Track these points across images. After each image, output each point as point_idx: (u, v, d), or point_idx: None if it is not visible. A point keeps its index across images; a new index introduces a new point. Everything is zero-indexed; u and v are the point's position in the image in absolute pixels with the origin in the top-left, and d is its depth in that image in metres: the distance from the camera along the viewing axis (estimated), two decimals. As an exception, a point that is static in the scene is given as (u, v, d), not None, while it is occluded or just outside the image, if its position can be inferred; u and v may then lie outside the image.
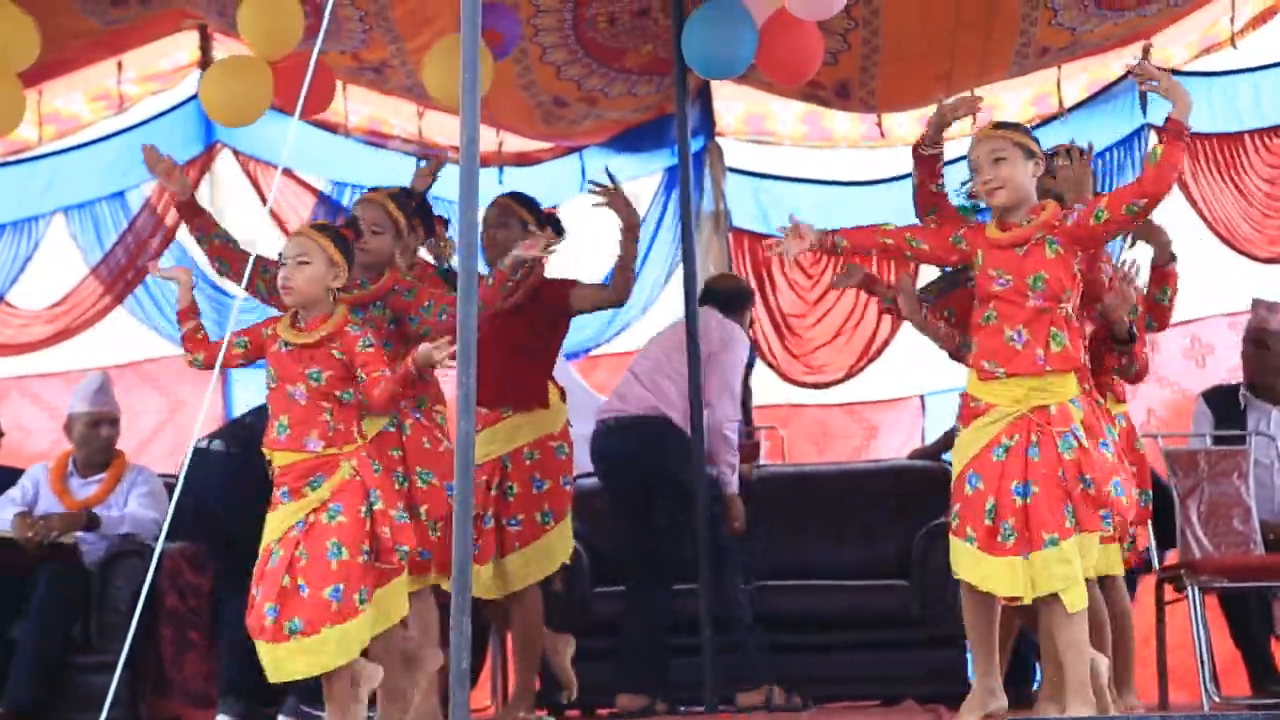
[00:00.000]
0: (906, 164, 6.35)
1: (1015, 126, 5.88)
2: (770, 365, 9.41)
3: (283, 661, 5.73)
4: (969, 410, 5.71)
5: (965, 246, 5.76)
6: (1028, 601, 5.60)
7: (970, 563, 5.61)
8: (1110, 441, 5.71)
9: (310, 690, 6.22)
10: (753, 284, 9.18)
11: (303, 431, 5.82)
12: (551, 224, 7.04)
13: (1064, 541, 5.52)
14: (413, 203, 6.55)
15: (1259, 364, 7.83)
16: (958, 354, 6.06)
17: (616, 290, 7.05)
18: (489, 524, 6.80)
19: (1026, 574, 5.55)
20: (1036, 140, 5.81)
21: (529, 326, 6.93)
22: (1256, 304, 7.92)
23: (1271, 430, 7.72)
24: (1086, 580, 5.67)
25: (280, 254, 5.91)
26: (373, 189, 6.53)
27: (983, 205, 6.04)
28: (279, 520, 5.81)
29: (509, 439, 6.86)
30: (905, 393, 9.42)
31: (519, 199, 7.14)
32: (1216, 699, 7.03)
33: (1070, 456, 5.55)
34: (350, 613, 5.73)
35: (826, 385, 9.39)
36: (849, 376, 9.37)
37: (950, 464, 7.78)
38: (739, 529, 7.64)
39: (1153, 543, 7.21)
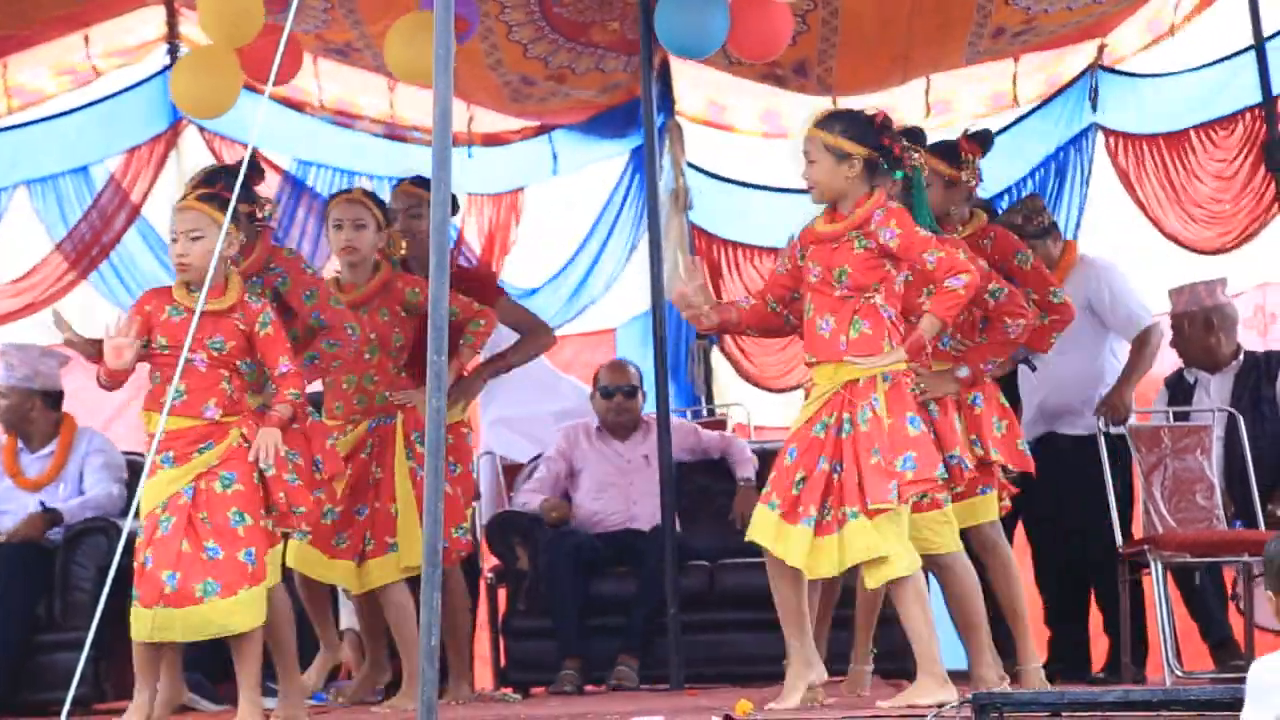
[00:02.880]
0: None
1: (835, 124, 5.86)
2: (737, 370, 9.47)
3: (195, 624, 5.79)
4: (808, 390, 5.89)
5: (804, 250, 5.90)
6: (829, 575, 5.75)
7: (772, 530, 5.73)
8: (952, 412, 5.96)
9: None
10: (710, 285, 9.23)
11: (201, 398, 5.88)
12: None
13: (864, 517, 5.64)
14: None
15: (1203, 342, 7.87)
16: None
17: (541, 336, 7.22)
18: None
19: (831, 550, 5.67)
20: (859, 140, 5.81)
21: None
22: (1193, 287, 7.96)
23: (1212, 396, 7.80)
24: (952, 554, 5.93)
25: (170, 229, 5.94)
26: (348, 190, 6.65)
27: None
28: (162, 486, 5.85)
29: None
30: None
31: (426, 184, 7.17)
32: (1178, 673, 7.10)
33: (865, 429, 5.67)
34: (261, 576, 5.84)
35: (793, 389, 9.32)
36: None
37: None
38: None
39: (1116, 520, 7.29)
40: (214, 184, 6.08)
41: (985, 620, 6.18)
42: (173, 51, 8.99)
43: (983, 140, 6.53)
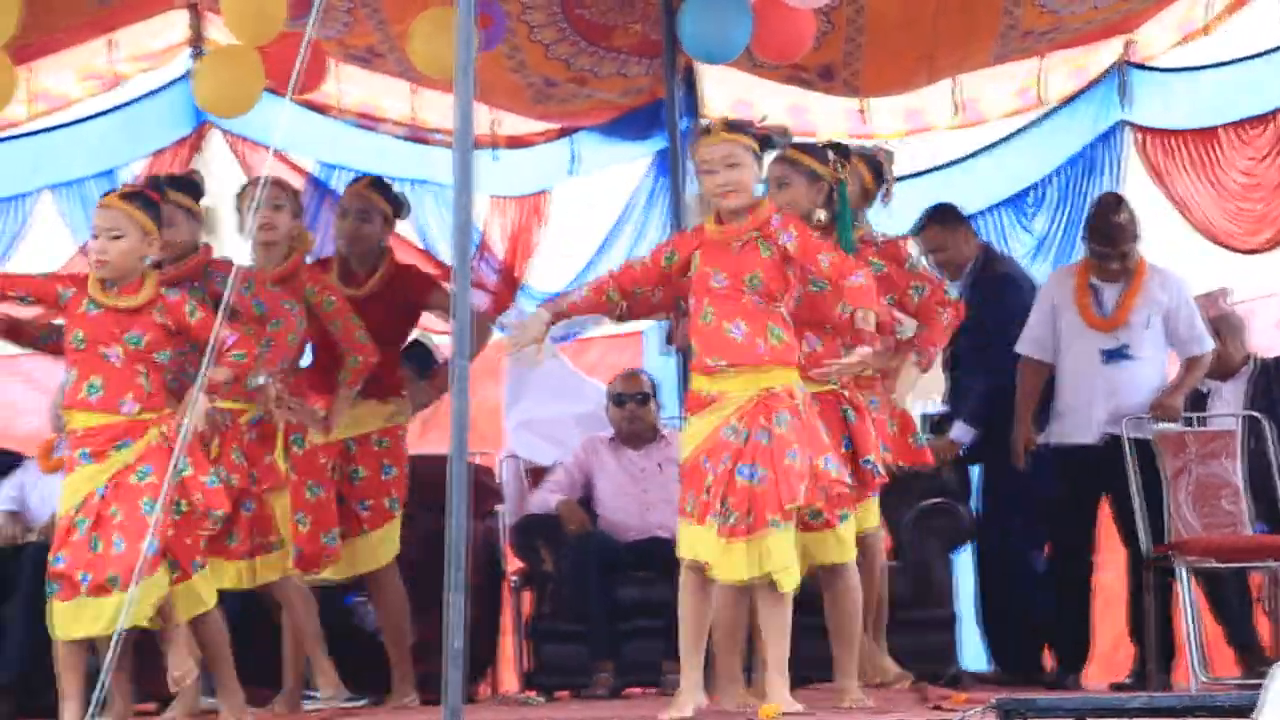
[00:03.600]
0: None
1: (745, 128, 5.91)
2: None
3: (110, 617, 5.79)
4: (697, 400, 5.79)
5: (678, 256, 5.85)
6: (741, 580, 5.67)
7: (706, 545, 5.68)
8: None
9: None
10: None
11: (117, 393, 5.89)
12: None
13: (785, 524, 5.61)
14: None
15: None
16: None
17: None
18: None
19: (748, 555, 5.62)
20: (761, 141, 5.88)
21: (385, 313, 6.97)
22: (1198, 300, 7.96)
23: (1228, 403, 7.77)
24: (847, 564, 5.92)
25: (92, 225, 6.00)
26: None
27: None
28: (80, 483, 5.89)
29: (356, 423, 6.90)
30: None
31: (379, 187, 7.16)
32: (1204, 679, 7.06)
33: (782, 431, 5.64)
34: (159, 563, 5.86)
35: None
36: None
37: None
38: None
39: (1143, 524, 7.26)
40: (153, 187, 6.26)
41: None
42: (197, 55, 8.98)
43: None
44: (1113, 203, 7.83)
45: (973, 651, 8.25)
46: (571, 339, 9.54)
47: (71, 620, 5.88)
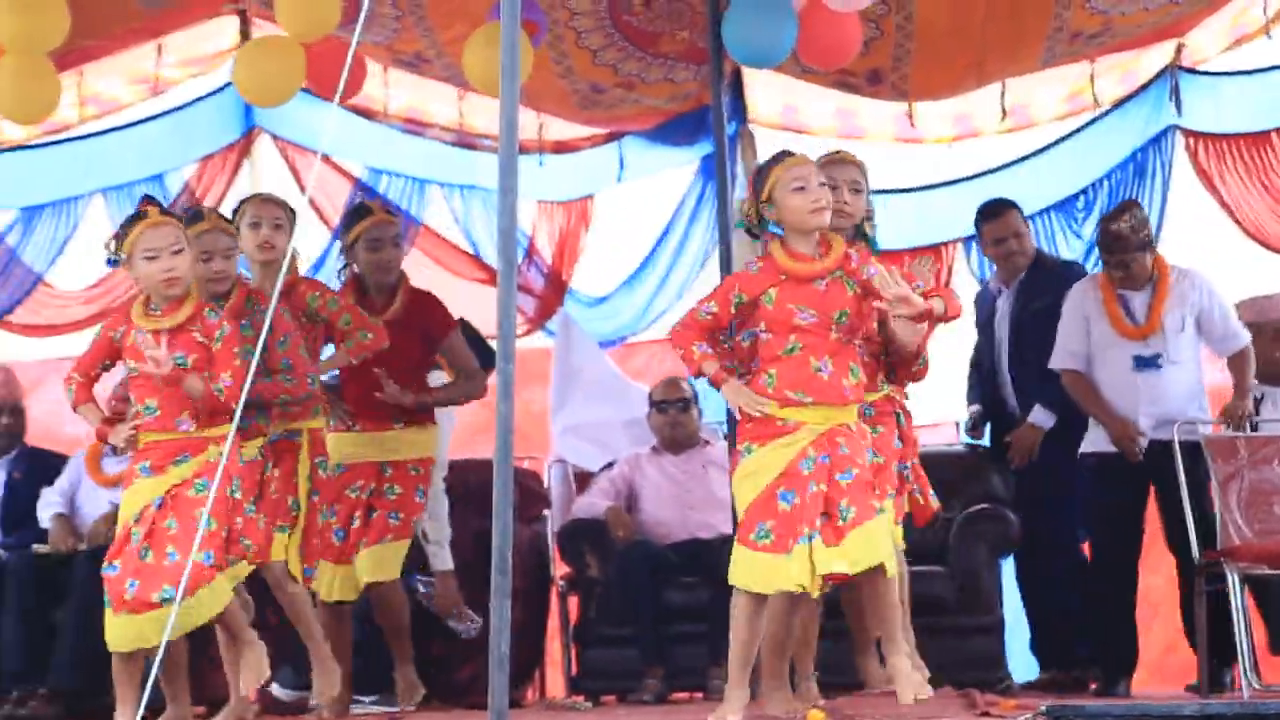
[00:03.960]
0: (937, 171, 6.47)
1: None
2: None
3: (147, 630, 5.83)
4: (767, 427, 5.76)
5: (745, 297, 5.84)
6: (855, 572, 5.68)
7: (784, 570, 5.66)
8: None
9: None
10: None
11: (173, 412, 5.95)
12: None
13: (874, 518, 5.69)
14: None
15: (1268, 355, 7.83)
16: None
17: (474, 382, 7.15)
18: (354, 524, 6.89)
19: (843, 555, 5.66)
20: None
21: (406, 340, 6.93)
22: (1259, 300, 7.91)
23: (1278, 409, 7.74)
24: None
25: (146, 247, 5.95)
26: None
27: None
28: (138, 497, 5.94)
29: (393, 449, 6.93)
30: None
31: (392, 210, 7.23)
32: (1256, 686, 7.01)
33: (845, 451, 5.74)
34: (216, 572, 5.90)
35: None
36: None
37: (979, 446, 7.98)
38: None
39: (1192, 531, 7.22)
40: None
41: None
42: (246, 60, 9.03)
43: None
44: (1117, 211, 7.80)
45: (1022, 660, 8.21)
46: (619, 344, 9.56)
47: (124, 633, 5.90)
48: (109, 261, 6.13)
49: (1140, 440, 7.46)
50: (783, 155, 5.95)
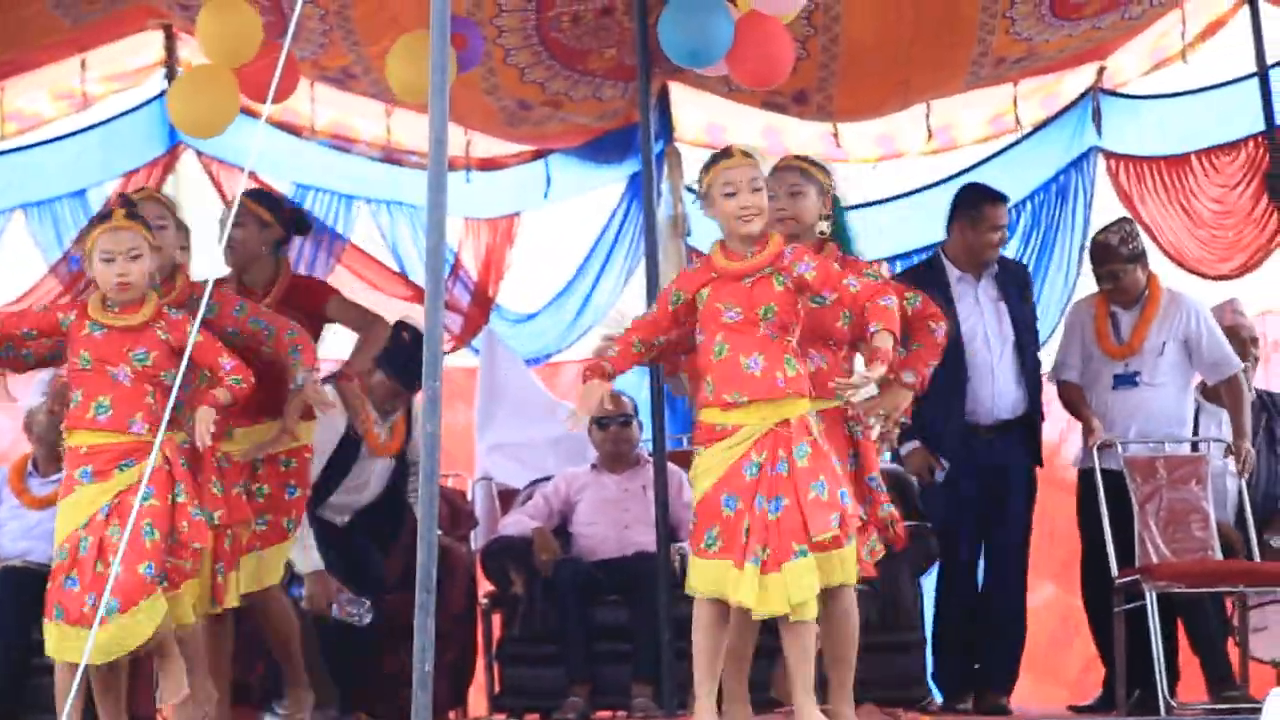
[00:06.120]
0: (861, 191, 6.48)
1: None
2: None
3: (105, 644, 5.79)
4: (709, 433, 5.76)
5: (683, 296, 5.84)
6: (781, 613, 5.64)
7: (733, 582, 5.65)
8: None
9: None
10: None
11: (127, 412, 5.90)
12: (296, 220, 7.12)
13: (811, 554, 5.62)
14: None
15: None
16: None
17: (375, 328, 7.05)
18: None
19: (778, 587, 5.62)
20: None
21: (305, 319, 6.80)
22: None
23: (1222, 433, 7.79)
24: (845, 586, 5.82)
25: (103, 249, 5.94)
26: None
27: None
28: (83, 504, 5.89)
29: (261, 444, 6.76)
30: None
31: (257, 197, 7.13)
32: (1172, 704, 7.08)
33: (803, 464, 5.66)
34: (155, 587, 5.85)
35: None
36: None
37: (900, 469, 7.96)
38: None
39: (1111, 550, 7.28)
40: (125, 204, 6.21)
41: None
42: (170, 75, 8.98)
43: None
44: (1110, 223, 7.87)
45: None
46: (544, 361, 9.56)
47: (69, 644, 5.84)
48: (72, 259, 6.15)
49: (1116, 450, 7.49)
50: (722, 155, 5.90)
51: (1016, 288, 7.78)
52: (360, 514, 7.67)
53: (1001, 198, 7.89)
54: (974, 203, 7.81)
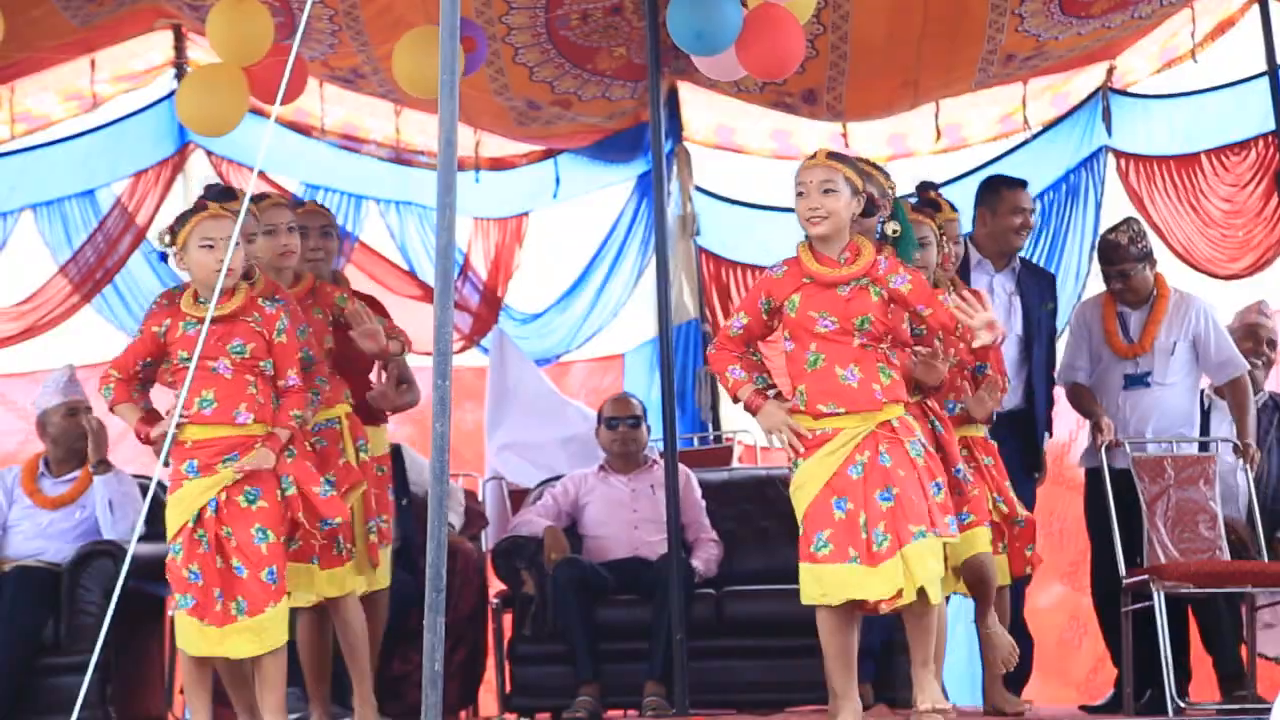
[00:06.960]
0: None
1: (849, 161, 5.93)
2: None
3: (232, 642, 5.82)
4: (810, 441, 5.75)
5: (773, 302, 5.82)
6: (911, 598, 5.63)
7: (857, 580, 5.64)
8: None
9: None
10: (718, 305, 9.24)
11: (231, 405, 5.90)
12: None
13: (930, 534, 5.62)
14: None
15: None
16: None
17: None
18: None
19: (903, 571, 5.61)
20: (863, 180, 5.88)
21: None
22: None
23: (1233, 432, 7.78)
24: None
25: (204, 236, 5.91)
26: None
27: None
28: (190, 498, 5.87)
29: (372, 448, 6.75)
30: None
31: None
32: (1180, 704, 7.07)
33: (921, 462, 5.69)
34: (284, 591, 5.87)
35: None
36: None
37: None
38: None
39: (1119, 550, 7.27)
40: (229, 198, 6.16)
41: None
42: (180, 75, 9.01)
43: None
44: (1119, 223, 7.85)
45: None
46: (553, 361, 9.56)
47: (200, 638, 5.87)
48: (160, 255, 6.14)
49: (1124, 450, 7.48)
50: (807, 157, 5.91)
51: (1037, 290, 7.78)
52: None
53: (1020, 183, 7.85)
54: (992, 187, 7.83)
